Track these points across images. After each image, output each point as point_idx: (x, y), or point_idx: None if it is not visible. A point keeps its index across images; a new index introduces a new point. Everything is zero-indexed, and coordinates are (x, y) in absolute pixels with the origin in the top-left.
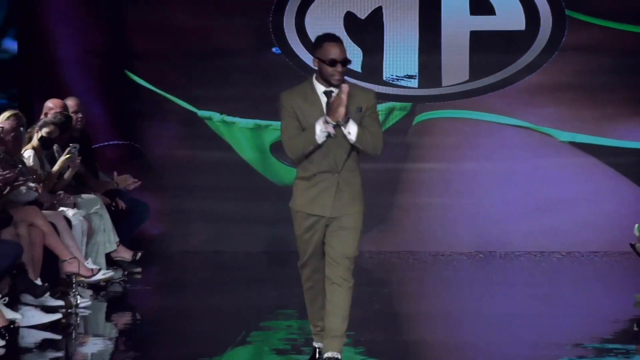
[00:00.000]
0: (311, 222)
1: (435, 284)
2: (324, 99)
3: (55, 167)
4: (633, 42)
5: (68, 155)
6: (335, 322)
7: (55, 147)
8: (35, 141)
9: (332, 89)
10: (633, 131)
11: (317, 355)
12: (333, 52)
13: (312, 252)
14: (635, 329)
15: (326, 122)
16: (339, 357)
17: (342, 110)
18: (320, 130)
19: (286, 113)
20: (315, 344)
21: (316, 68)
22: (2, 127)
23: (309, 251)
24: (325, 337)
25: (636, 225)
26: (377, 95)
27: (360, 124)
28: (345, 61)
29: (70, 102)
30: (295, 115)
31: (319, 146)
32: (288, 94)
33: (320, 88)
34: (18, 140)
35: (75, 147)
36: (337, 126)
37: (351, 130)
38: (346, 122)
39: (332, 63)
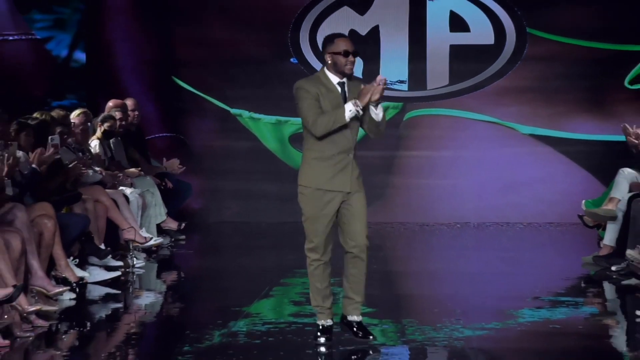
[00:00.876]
0: (329, 197)
1: (421, 249)
2: (339, 88)
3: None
4: (581, 54)
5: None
6: (361, 290)
7: (111, 138)
8: (99, 133)
9: (344, 80)
10: (581, 126)
11: (326, 330)
12: (346, 44)
13: (324, 229)
14: (583, 285)
15: (356, 104)
16: None
17: (374, 96)
18: (349, 111)
19: (310, 96)
20: (323, 322)
21: (329, 62)
22: (74, 122)
23: (321, 229)
24: (350, 304)
25: (583, 201)
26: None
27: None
28: (355, 52)
29: (129, 102)
30: (317, 98)
31: (344, 126)
32: (310, 82)
33: (334, 79)
34: (86, 132)
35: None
36: (363, 109)
37: (379, 112)
38: (377, 104)
39: (346, 54)
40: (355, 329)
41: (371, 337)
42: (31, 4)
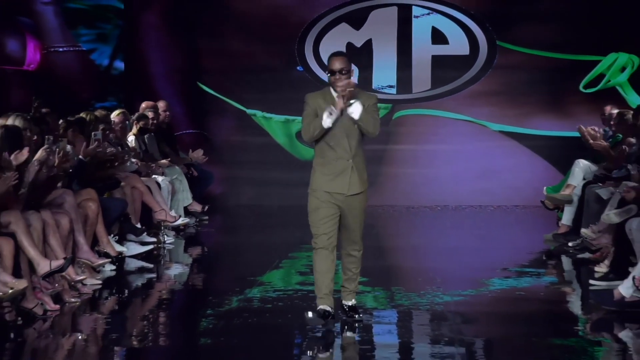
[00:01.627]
0: (329, 197)
1: (407, 227)
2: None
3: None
4: (542, 63)
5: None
6: (355, 283)
7: (145, 134)
8: (135, 130)
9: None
10: (542, 123)
11: (327, 314)
12: (333, 63)
13: (326, 225)
14: (544, 258)
15: (331, 110)
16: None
17: (341, 102)
18: (326, 117)
19: (308, 108)
20: (325, 307)
21: (330, 79)
22: (114, 121)
23: (323, 223)
24: (348, 293)
25: (545, 188)
26: (375, 96)
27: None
28: (342, 70)
29: (160, 104)
30: (314, 111)
31: (327, 130)
32: (312, 95)
33: (334, 93)
34: (124, 129)
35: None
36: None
37: (354, 110)
38: (350, 105)
39: (332, 73)
40: (347, 310)
41: (357, 316)
42: (78, 21)
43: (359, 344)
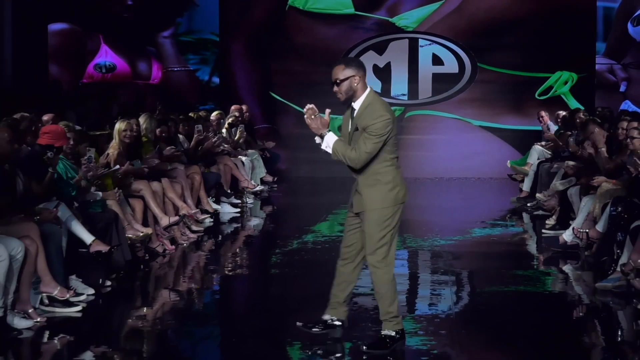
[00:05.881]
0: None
1: (414, 193)
2: (350, 113)
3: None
4: (509, 79)
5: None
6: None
7: (233, 127)
8: (226, 125)
9: (352, 105)
10: (508, 120)
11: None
12: (332, 76)
13: (345, 233)
14: (510, 215)
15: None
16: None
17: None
18: (316, 142)
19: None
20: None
21: None
22: (212, 118)
23: (345, 230)
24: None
25: (509, 161)
26: (382, 118)
27: (353, 140)
28: (336, 81)
29: (244, 107)
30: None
31: (327, 153)
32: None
33: (354, 105)
34: (219, 124)
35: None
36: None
37: (327, 144)
38: (322, 137)
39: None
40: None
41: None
42: (187, 49)
43: None
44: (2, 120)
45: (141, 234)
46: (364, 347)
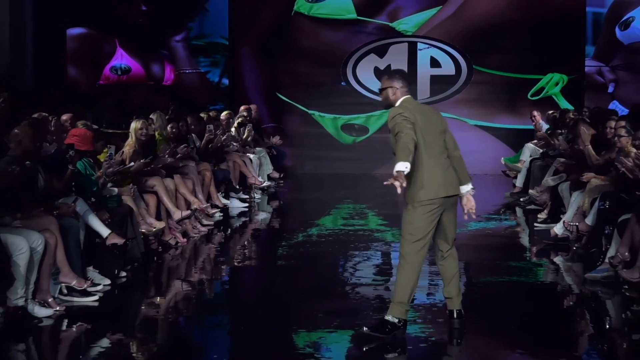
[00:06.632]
0: None
1: None
2: None
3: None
4: (503, 80)
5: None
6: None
7: (242, 126)
8: (235, 124)
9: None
10: (502, 120)
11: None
12: None
13: None
14: (504, 209)
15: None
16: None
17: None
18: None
19: None
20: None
21: None
22: (222, 118)
23: None
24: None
25: (502, 158)
26: (393, 114)
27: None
28: (379, 90)
29: (252, 107)
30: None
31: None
32: None
33: None
34: (229, 124)
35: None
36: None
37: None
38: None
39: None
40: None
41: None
42: (198, 52)
43: (381, 265)
44: (23, 120)
45: (154, 230)
46: (365, 329)
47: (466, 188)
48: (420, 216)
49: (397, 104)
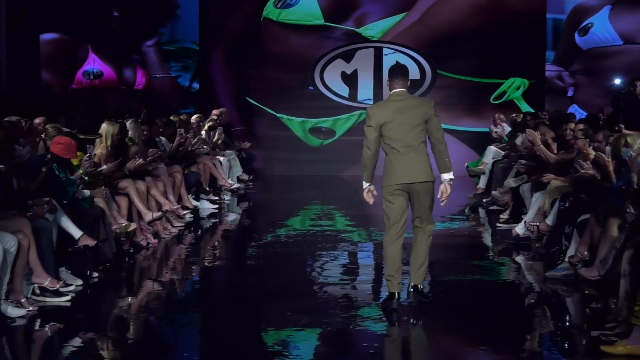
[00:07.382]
0: None
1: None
2: None
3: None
4: (467, 84)
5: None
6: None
7: (212, 130)
8: (206, 127)
9: None
10: (466, 123)
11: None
12: None
13: None
14: (467, 209)
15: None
16: None
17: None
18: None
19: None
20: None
21: None
22: (192, 122)
23: None
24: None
25: (466, 163)
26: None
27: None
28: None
29: (223, 110)
30: None
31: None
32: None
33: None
34: (199, 127)
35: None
36: None
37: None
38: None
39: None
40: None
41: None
42: (169, 57)
43: (348, 265)
44: None
45: (123, 224)
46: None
47: (445, 177)
48: (384, 200)
49: (385, 98)
